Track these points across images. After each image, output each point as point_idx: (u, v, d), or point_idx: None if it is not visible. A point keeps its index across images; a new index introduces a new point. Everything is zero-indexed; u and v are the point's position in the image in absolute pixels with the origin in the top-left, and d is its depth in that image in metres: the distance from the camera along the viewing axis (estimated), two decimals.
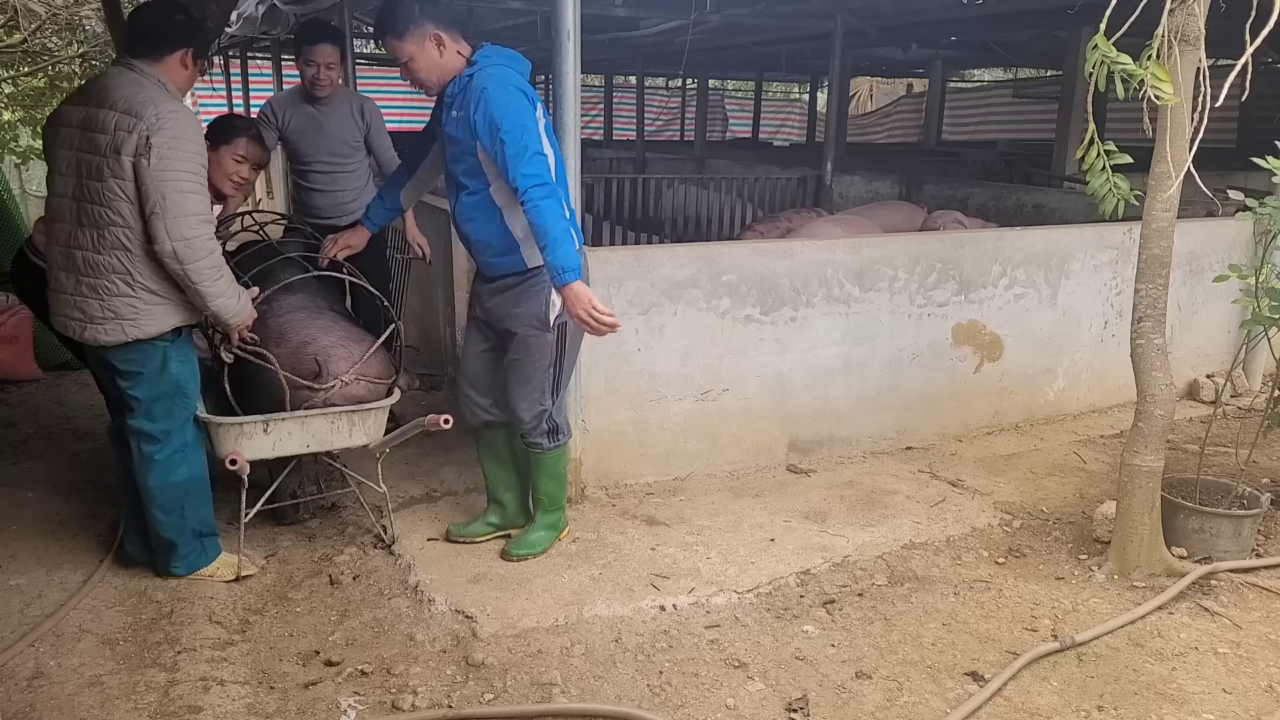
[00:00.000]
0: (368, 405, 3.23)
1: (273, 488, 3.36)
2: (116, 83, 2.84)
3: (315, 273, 3.51)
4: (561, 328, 3.08)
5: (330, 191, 4.39)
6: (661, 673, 2.72)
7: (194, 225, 2.79)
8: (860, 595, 3.19)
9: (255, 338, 3.11)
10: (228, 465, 2.70)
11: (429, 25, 2.94)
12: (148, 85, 2.84)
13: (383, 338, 3.33)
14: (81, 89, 3.01)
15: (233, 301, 2.96)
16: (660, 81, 17.80)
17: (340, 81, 4.35)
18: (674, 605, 3.07)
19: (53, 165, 2.95)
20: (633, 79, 13.46)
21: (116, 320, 2.86)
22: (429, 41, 2.96)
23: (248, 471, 3.05)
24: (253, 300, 3.10)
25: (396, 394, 3.35)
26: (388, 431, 3.34)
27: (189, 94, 3.39)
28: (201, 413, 3.07)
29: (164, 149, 2.73)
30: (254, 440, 3.09)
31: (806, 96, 17.07)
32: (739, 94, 19.99)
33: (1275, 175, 3.32)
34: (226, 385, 3.20)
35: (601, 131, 13.25)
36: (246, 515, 3.21)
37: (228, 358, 3.11)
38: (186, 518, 3.09)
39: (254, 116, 4.34)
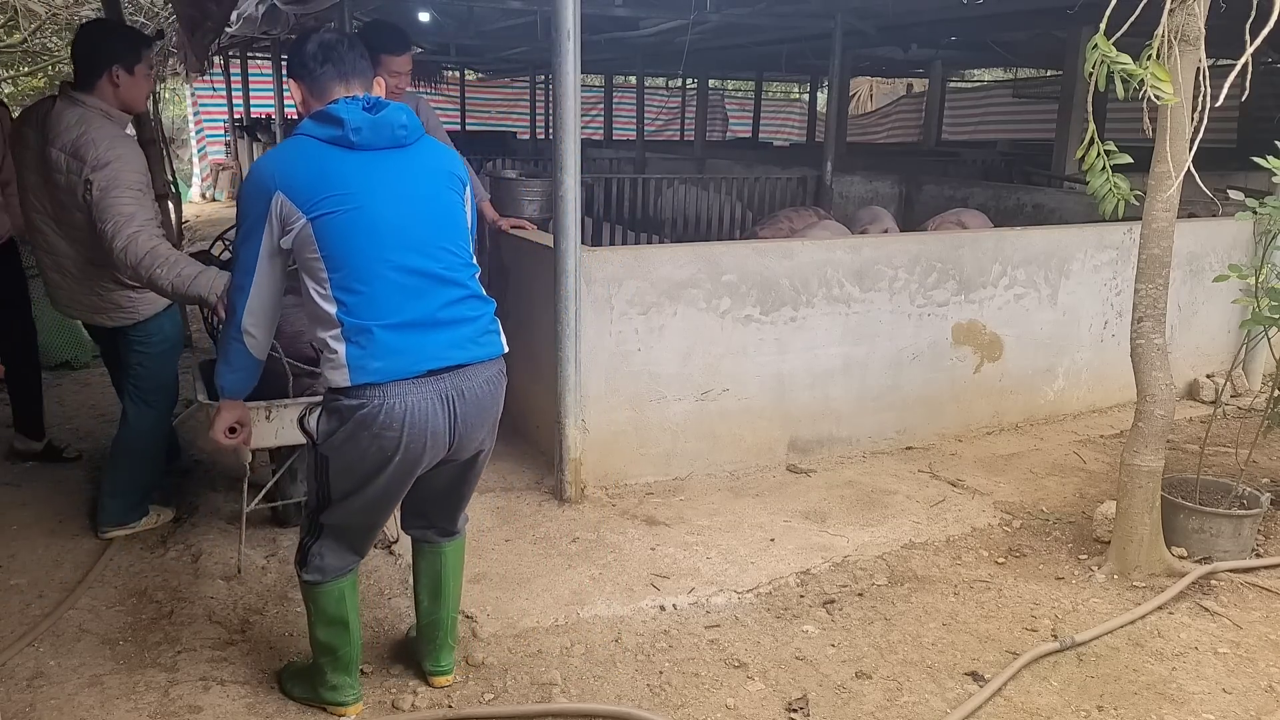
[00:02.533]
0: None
1: (274, 479, 3.34)
2: (63, 120, 3.11)
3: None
4: (321, 457, 2.30)
5: None
6: (661, 673, 2.72)
7: (132, 232, 3.00)
8: (860, 595, 3.19)
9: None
10: (224, 437, 2.50)
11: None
12: (88, 117, 3.11)
13: None
14: (36, 114, 3.24)
15: (194, 280, 3.00)
16: (660, 81, 17.82)
17: None
18: (674, 605, 3.07)
19: (22, 170, 3.28)
20: (633, 79, 13.47)
21: (118, 310, 3.29)
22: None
23: (251, 448, 2.93)
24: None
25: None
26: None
27: (179, 94, 3.54)
28: (202, 398, 3.09)
29: (103, 183, 3.01)
30: (257, 428, 3.00)
31: (806, 96, 17.09)
32: (739, 94, 20.01)
33: (1275, 175, 3.32)
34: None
35: (601, 131, 13.24)
36: (249, 507, 3.20)
37: None
38: (147, 473, 3.47)
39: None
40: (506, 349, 2.41)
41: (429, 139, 2.36)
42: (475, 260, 2.40)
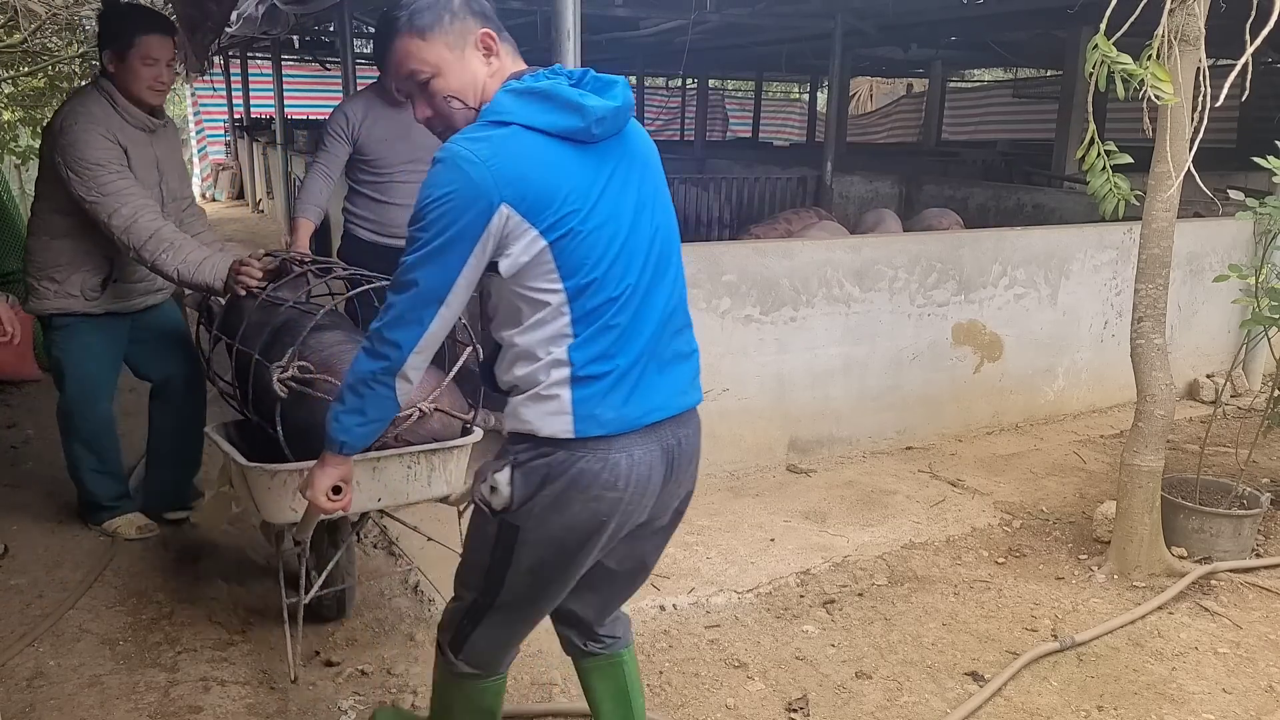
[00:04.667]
0: (450, 443, 2.52)
1: (326, 571, 2.69)
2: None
3: (358, 289, 2.74)
4: (508, 528, 1.82)
5: (411, 206, 4.08)
6: (661, 673, 2.72)
7: (124, 222, 2.95)
8: (860, 595, 3.19)
9: (309, 365, 2.47)
10: (327, 499, 1.91)
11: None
12: (84, 111, 3.02)
13: (460, 360, 2.56)
14: None
15: (196, 264, 2.87)
16: (660, 81, 17.81)
17: None
18: (674, 605, 3.07)
19: None
20: (633, 79, 13.46)
21: (161, 290, 3.38)
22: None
23: (351, 511, 2.26)
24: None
25: (478, 432, 2.60)
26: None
27: (179, 92, 3.44)
28: (238, 458, 2.44)
29: (77, 188, 2.96)
30: (360, 489, 2.38)
31: (806, 96, 17.08)
32: (739, 94, 19.99)
33: (1275, 175, 3.32)
34: (280, 426, 2.45)
35: None
36: (305, 598, 2.59)
37: (281, 390, 2.40)
38: (78, 467, 3.43)
39: (331, 125, 3.84)
40: None
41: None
42: None
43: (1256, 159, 3.38)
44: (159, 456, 3.53)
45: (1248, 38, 2.59)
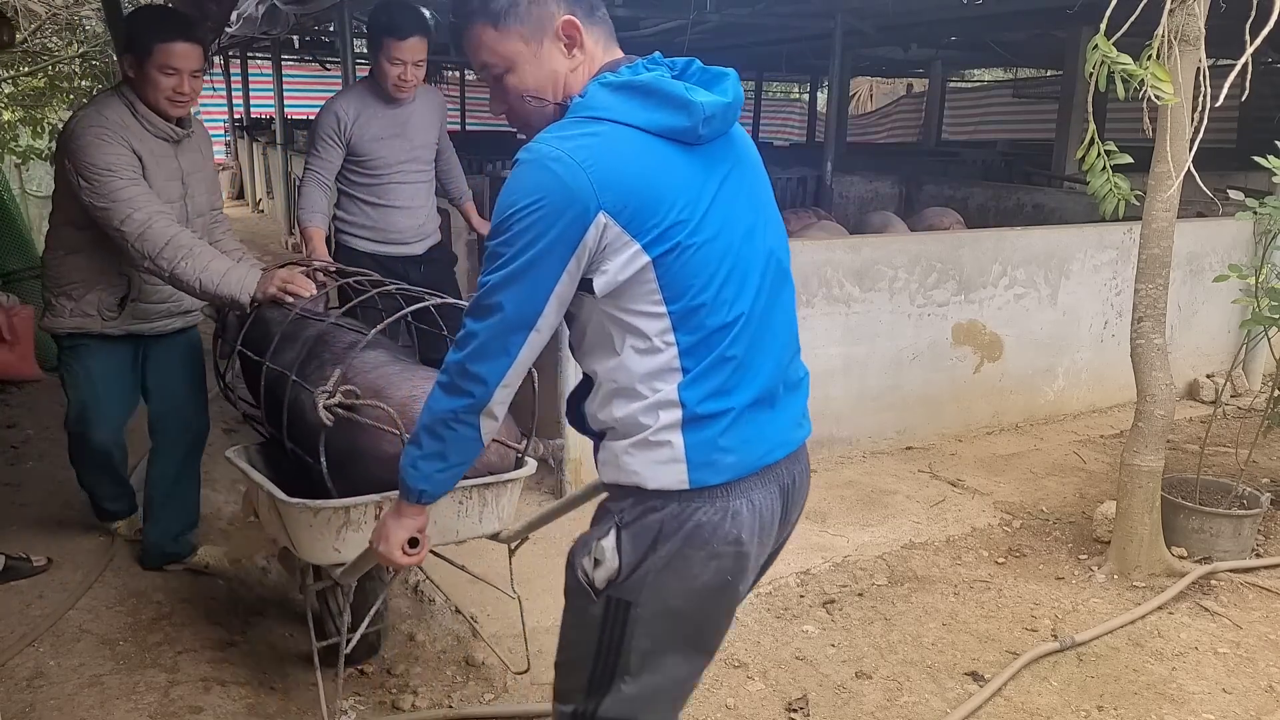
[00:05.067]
0: (505, 477, 2.31)
1: (368, 617, 2.42)
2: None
3: (410, 308, 2.42)
4: (618, 604, 1.56)
5: (412, 209, 3.64)
6: None
7: (137, 228, 2.69)
8: (860, 595, 3.19)
9: (356, 389, 2.19)
10: (403, 556, 1.69)
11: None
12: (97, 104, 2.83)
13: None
14: None
15: (220, 274, 2.62)
16: None
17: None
18: None
19: None
20: None
21: (189, 313, 3.10)
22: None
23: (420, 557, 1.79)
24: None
25: (531, 464, 2.41)
26: None
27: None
28: (275, 492, 2.18)
29: (86, 195, 2.71)
30: (361, 533, 2.12)
31: (806, 96, 17.08)
32: None
33: (1275, 175, 3.32)
34: (323, 459, 2.17)
35: None
36: (349, 647, 2.32)
37: (327, 418, 2.12)
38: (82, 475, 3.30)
39: (321, 128, 3.57)
40: None
41: None
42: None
43: (1256, 159, 3.39)
44: (155, 507, 3.19)
45: (1248, 38, 2.59)
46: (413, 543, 1.70)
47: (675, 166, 1.45)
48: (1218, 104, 2.68)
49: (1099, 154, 2.87)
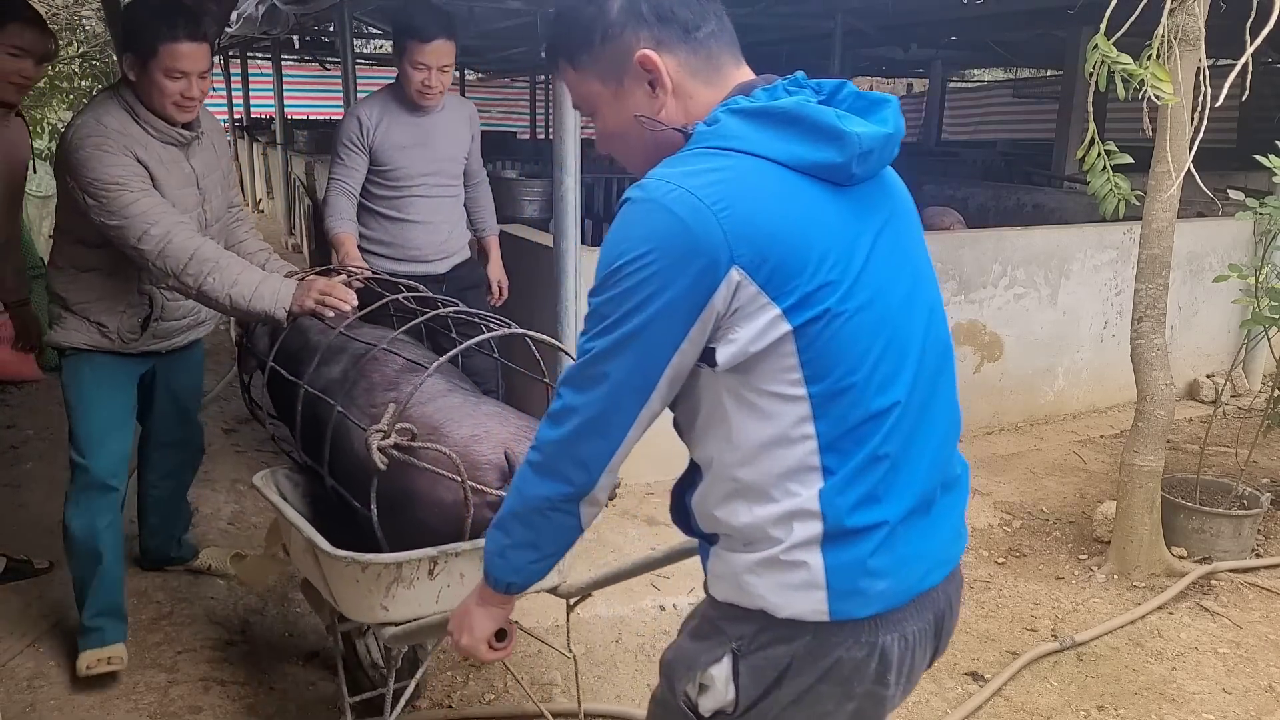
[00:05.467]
0: None
1: (415, 678, 2.14)
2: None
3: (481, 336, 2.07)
4: None
5: (434, 224, 3.42)
6: None
7: (155, 245, 2.38)
8: None
9: (412, 428, 1.92)
10: (489, 652, 1.51)
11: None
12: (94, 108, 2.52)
13: None
14: None
15: (252, 288, 2.33)
16: None
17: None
18: (674, 605, 3.07)
19: None
20: None
21: (200, 325, 2.83)
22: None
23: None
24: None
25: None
26: None
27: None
28: (320, 542, 1.90)
29: (96, 214, 2.42)
30: (413, 590, 1.88)
31: None
32: None
33: (1275, 175, 3.32)
34: (374, 506, 1.93)
35: None
36: (392, 714, 2.07)
37: (382, 461, 1.87)
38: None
39: (344, 134, 3.35)
40: None
41: None
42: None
43: (1257, 158, 3.39)
44: (151, 518, 3.11)
45: (1248, 38, 2.59)
46: (499, 635, 1.50)
47: (824, 212, 1.16)
48: (1218, 104, 2.68)
49: (1099, 154, 2.87)
